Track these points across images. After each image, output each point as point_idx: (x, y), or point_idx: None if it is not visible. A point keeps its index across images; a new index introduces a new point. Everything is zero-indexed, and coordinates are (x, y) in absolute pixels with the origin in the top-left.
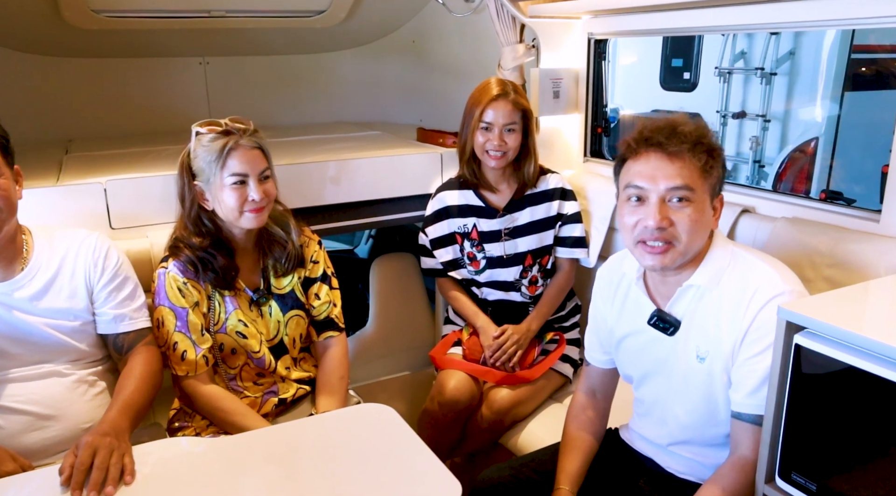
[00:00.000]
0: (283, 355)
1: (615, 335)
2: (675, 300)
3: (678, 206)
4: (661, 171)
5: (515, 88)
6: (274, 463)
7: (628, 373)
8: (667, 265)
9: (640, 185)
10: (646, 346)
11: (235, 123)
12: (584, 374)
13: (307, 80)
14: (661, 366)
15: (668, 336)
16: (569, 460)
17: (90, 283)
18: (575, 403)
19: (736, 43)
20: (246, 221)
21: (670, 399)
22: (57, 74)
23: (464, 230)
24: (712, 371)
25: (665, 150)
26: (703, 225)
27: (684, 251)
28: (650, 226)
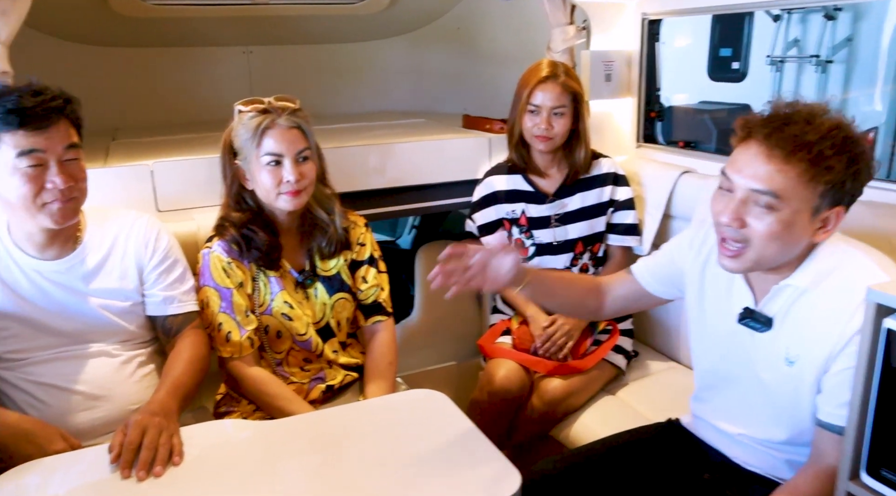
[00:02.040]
0: (330, 338)
1: (692, 285)
2: (769, 298)
3: (760, 210)
4: (751, 166)
5: (567, 70)
6: (322, 448)
7: (700, 354)
8: (736, 270)
9: (729, 174)
10: (728, 335)
11: (280, 102)
12: (621, 273)
13: (350, 69)
14: (741, 360)
15: (758, 333)
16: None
17: (141, 265)
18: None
19: (789, 30)
20: (282, 203)
21: (748, 394)
22: (103, 64)
23: (512, 216)
24: (801, 376)
25: (765, 145)
26: (788, 238)
27: (756, 260)
28: (724, 221)
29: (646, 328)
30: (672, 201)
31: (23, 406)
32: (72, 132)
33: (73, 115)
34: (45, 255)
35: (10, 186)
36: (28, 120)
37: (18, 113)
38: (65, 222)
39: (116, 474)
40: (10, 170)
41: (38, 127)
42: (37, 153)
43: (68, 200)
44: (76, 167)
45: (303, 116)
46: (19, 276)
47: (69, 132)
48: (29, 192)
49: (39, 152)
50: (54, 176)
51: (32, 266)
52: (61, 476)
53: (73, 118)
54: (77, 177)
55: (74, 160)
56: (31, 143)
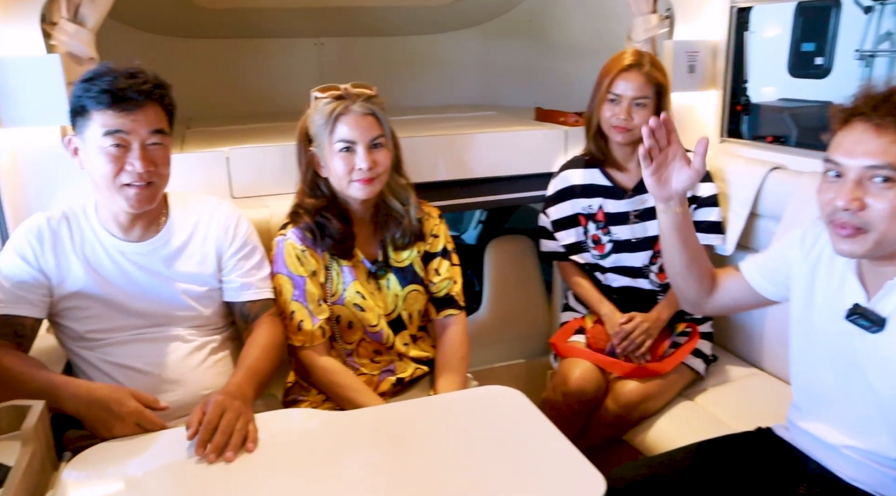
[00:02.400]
0: (402, 331)
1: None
2: (883, 295)
3: (881, 187)
4: (861, 144)
5: (652, 60)
6: (392, 442)
7: (804, 358)
8: (857, 254)
9: (837, 159)
10: (836, 337)
11: (356, 89)
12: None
13: (420, 61)
14: (850, 365)
15: (869, 333)
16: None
17: (220, 250)
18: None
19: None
20: (354, 190)
21: (857, 403)
22: (179, 55)
23: (589, 211)
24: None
25: (870, 120)
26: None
27: (879, 241)
28: (838, 206)
29: (726, 332)
30: (760, 199)
31: None
32: (161, 117)
33: (165, 101)
34: (128, 237)
35: (95, 164)
36: (118, 100)
37: (110, 93)
38: (140, 207)
39: (190, 458)
40: (96, 148)
41: (126, 108)
42: (121, 134)
43: (147, 185)
44: (159, 152)
45: (378, 103)
46: (103, 256)
47: (158, 117)
48: (109, 172)
49: (123, 133)
50: (135, 158)
51: (116, 247)
52: (141, 455)
53: (165, 104)
54: (158, 162)
55: (158, 145)
56: (117, 123)
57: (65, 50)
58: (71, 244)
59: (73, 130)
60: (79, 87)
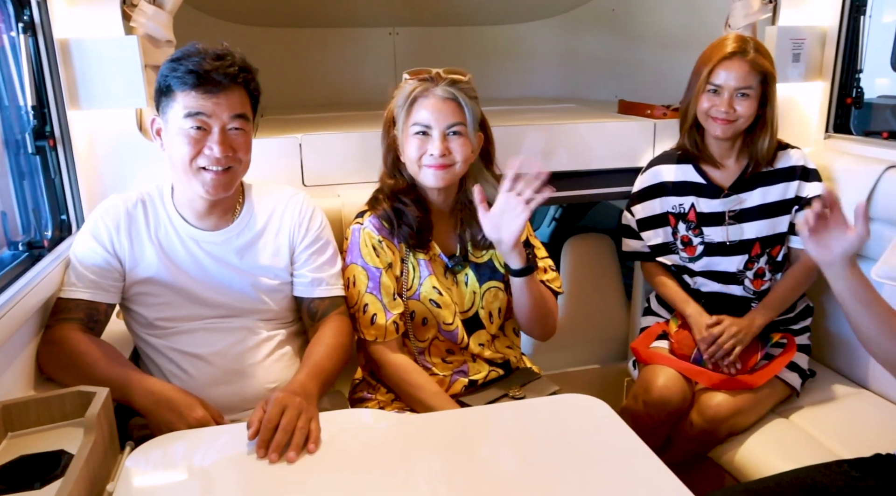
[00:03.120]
0: (478, 330)
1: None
2: None
3: None
4: None
5: (758, 46)
6: (462, 449)
7: None
8: None
9: None
10: None
11: (447, 73)
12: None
13: (498, 52)
14: None
15: None
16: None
17: (293, 243)
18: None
19: None
20: (425, 177)
21: None
22: (253, 43)
23: (679, 210)
24: None
25: None
26: None
27: None
28: None
29: (826, 345)
30: (873, 201)
31: (167, 374)
32: (244, 102)
33: (251, 86)
34: (203, 224)
35: (174, 146)
36: (202, 82)
37: (195, 74)
38: (217, 193)
39: (252, 453)
40: (176, 129)
41: (209, 90)
42: (201, 116)
43: (225, 171)
44: (240, 138)
45: (465, 89)
46: (176, 243)
47: (241, 101)
48: (187, 155)
49: (204, 116)
50: (214, 142)
51: (190, 234)
52: (204, 449)
53: (251, 89)
54: (238, 147)
55: (239, 130)
56: (198, 105)
57: (143, 32)
58: (146, 228)
59: (157, 111)
60: (166, 66)
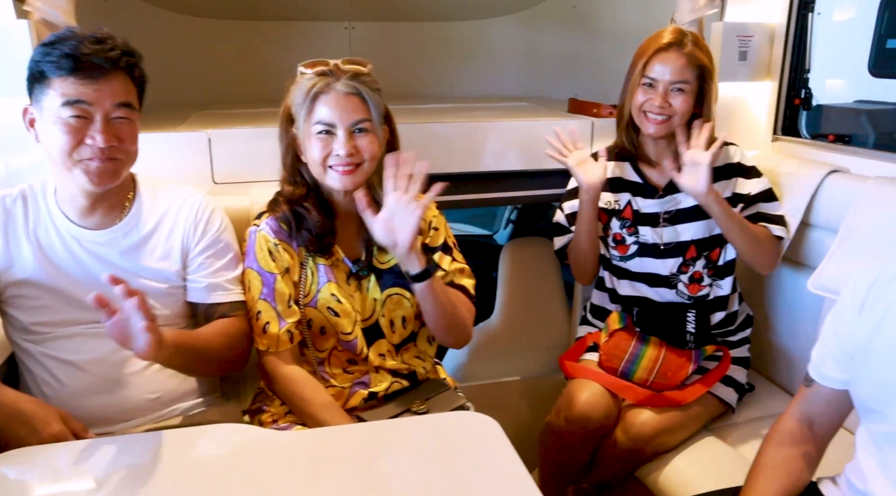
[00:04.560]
0: (379, 340)
1: (861, 352)
2: None
3: None
4: None
5: (696, 40)
6: (333, 467)
7: (871, 407)
8: None
9: None
10: None
11: (347, 65)
12: (802, 395)
13: (458, 49)
14: None
15: None
16: (763, 484)
17: (187, 247)
18: (781, 429)
19: None
20: (331, 179)
21: None
22: (203, 36)
23: (614, 207)
24: None
25: None
26: None
27: None
28: None
29: (766, 357)
30: (814, 206)
31: (40, 383)
32: (129, 89)
33: (135, 72)
34: (86, 223)
35: (51, 137)
36: (81, 67)
37: (72, 58)
38: (102, 183)
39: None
40: (53, 118)
41: (89, 76)
42: (81, 104)
43: (108, 161)
44: (125, 127)
45: (368, 82)
46: (56, 242)
47: (125, 88)
48: (66, 145)
49: (84, 104)
50: (96, 132)
51: (72, 233)
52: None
53: (135, 75)
54: (123, 137)
55: (124, 119)
56: (78, 92)
57: (38, 16)
58: (24, 226)
59: (31, 99)
60: (38, 51)
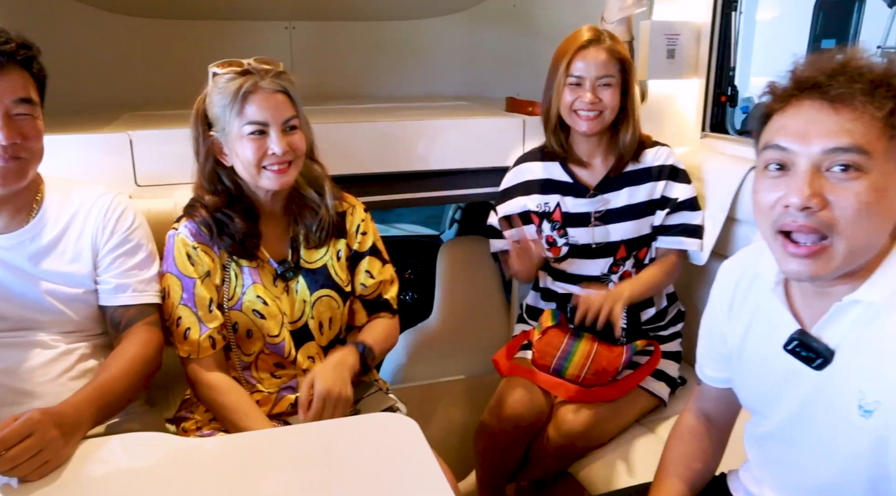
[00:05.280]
0: (308, 343)
1: (736, 355)
2: (828, 320)
3: (841, 178)
4: (816, 124)
5: (611, 35)
6: (254, 472)
7: (752, 407)
8: (821, 275)
9: (784, 144)
10: (780, 378)
11: (260, 63)
12: (696, 392)
13: (400, 48)
14: (798, 410)
15: (812, 369)
16: (668, 481)
17: (96, 247)
18: (682, 424)
19: None
20: (266, 181)
21: (807, 457)
22: (138, 36)
23: (544, 209)
24: (885, 432)
25: (826, 94)
26: (883, 211)
27: (849, 251)
28: (794, 203)
29: None
30: (738, 202)
31: None
32: (27, 85)
33: (34, 67)
34: None
35: None
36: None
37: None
38: (7, 184)
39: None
40: None
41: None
42: None
43: (12, 159)
44: (28, 124)
45: (288, 79)
46: None
47: (24, 84)
48: None
49: None
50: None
51: None
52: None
53: (33, 70)
54: (27, 135)
55: (26, 116)
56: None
57: None
58: None
59: None
60: None
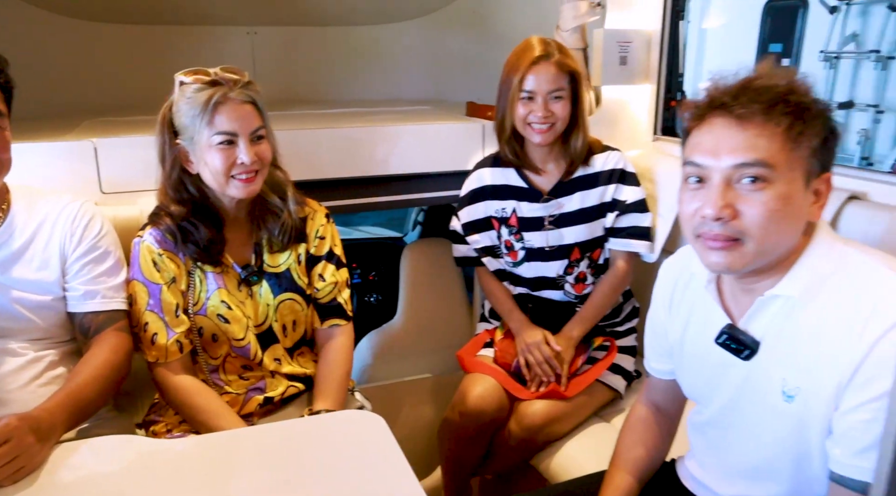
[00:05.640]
0: (273, 345)
1: (677, 349)
2: (753, 314)
3: (750, 189)
4: (724, 141)
5: (560, 48)
6: (227, 470)
7: (692, 397)
8: (735, 267)
9: (699, 161)
10: (715, 369)
11: (227, 73)
12: (645, 384)
13: (362, 53)
14: (732, 397)
15: (741, 360)
16: (618, 476)
17: (64, 254)
18: (633, 415)
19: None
20: (234, 189)
21: (741, 440)
22: (100, 41)
23: (502, 214)
24: (806, 415)
25: (732, 112)
26: (789, 216)
27: (757, 252)
28: (708, 215)
29: None
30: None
31: None
32: None
33: (0, 79)
34: None
35: None
36: None
37: None
38: None
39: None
40: None
41: None
42: None
43: None
44: None
45: (255, 90)
46: None
47: None
48: None
49: None
50: None
51: None
52: None
53: (1, 82)
54: None
55: None
56: None
57: None
58: None
59: None
60: None
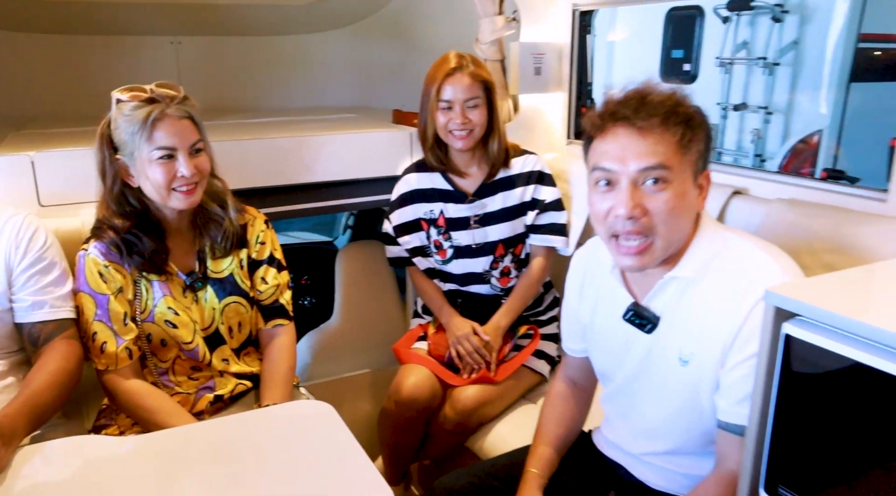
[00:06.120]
0: (220, 346)
1: (588, 329)
2: (654, 293)
3: (653, 189)
4: (629, 149)
5: (474, 61)
6: (185, 464)
7: (602, 371)
8: (647, 265)
9: (608, 166)
10: (621, 344)
11: (163, 89)
12: (562, 362)
13: (286, 63)
14: (637, 368)
15: (645, 333)
16: (541, 448)
17: (10, 267)
18: (552, 392)
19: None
20: (176, 201)
21: (646, 404)
22: (20, 51)
23: (430, 216)
24: (698, 376)
25: (633, 124)
26: (685, 209)
27: (666, 245)
28: (621, 214)
29: None
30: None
31: None
32: None
33: None
34: None
35: None
36: None
37: None
38: None
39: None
40: None
41: None
42: None
43: None
44: None
45: (192, 105)
46: None
47: None
48: None
49: None
50: None
51: None
52: None
53: None
54: None
55: None
56: None
57: None
58: None
59: None
60: None
